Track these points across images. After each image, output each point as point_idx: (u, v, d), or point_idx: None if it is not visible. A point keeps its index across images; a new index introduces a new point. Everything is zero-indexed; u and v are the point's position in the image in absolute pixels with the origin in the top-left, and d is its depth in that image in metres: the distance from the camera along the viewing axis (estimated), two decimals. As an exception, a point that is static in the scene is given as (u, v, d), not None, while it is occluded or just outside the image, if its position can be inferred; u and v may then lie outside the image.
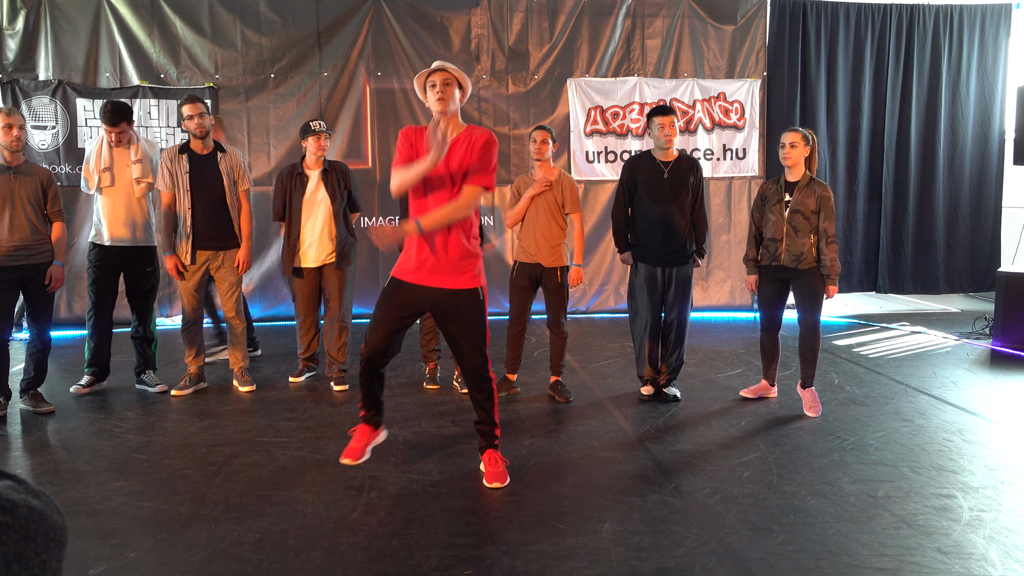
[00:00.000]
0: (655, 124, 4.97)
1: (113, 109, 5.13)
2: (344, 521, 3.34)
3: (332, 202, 5.38)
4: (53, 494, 3.64)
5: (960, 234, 8.96)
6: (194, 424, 4.71)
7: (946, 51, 8.72)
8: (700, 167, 5.13)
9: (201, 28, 7.67)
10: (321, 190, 5.38)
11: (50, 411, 4.88)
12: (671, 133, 4.96)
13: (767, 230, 4.95)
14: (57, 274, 4.84)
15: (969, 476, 3.85)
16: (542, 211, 5.11)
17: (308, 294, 5.52)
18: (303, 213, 5.38)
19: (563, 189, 5.11)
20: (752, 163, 8.41)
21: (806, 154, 4.88)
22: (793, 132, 4.89)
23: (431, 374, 5.54)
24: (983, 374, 5.92)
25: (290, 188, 5.41)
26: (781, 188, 4.93)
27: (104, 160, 5.22)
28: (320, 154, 5.36)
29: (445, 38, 8.01)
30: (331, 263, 5.44)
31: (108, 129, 5.14)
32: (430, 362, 5.56)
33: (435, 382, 5.48)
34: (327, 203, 5.39)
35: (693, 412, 4.94)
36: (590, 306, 8.41)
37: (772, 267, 4.95)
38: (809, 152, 4.89)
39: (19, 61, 7.50)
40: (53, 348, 5.05)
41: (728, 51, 8.32)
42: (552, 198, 5.10)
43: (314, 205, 5.38)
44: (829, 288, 4.83)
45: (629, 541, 3.16)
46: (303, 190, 5.39)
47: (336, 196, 5.40)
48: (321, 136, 5.32)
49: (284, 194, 5.44)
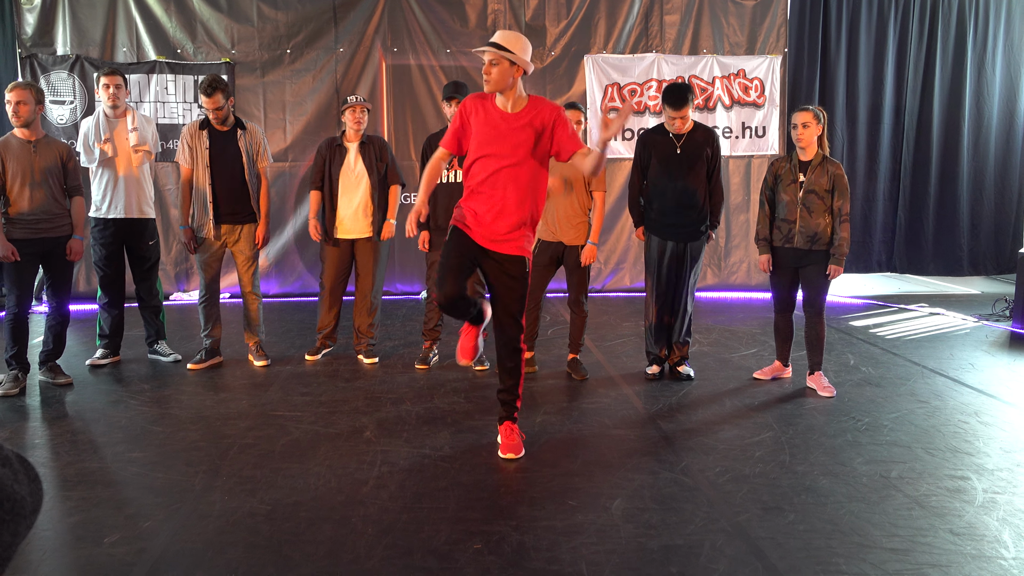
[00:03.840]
0: (667, 112, 4.90)
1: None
2: (355, 495, 3.37)
3: (369, 175, 5.38)
4: (69, 464, 3.70)
5: (984, 215, 8.84)
6: (209, 397, 4.75)
7: (971, 28, 8.55)
8: (716, 137, 5.06)
9: (217, 3, 7.66)
10: (359, 163, 5.36)
11: (68, 383, 4.94)
12: (680, 127, 4.90)
13: (780, 210, 4.89)
14: (76, 247, 4.88)
15: (984, 458, 3.82)
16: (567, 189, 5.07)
17: (338, 265, 5.47)
18: (340, 184, 5.37)
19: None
20: (772, 141, 8.31)
21: (818, 133, 4.80)
22: (804, 112, 4.81)
23: (424, 353, 5.48)
24: (1002, 356, 5.86)
25: (329, 158, 5.40)
26: (795, 167, 4.87)
27: (104, 132, 5.25)
28: (357, 127, 5.33)
29: (461, 13, 7.95)
30: (365, 237, 5.44)
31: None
32: (427, 341, 5.51)
33: (426, 363, 5.43)
34: (366, 176, 5.37)
35: (706, 391, 4.92)
36: (606, 284, 8.39)
37: (786, 248, 4.89)
38: (822, 131, 4.82)
39: (37, 36, 7.53)
40: (71, 321, 5.11)
41: (748, 27, 8.20)
42: (579, 175, 5.04)
43: (352, 177, 5.37)
44: (832, 268, 4.76)
45: (639, 518, 3.16)
46: (341, 161, 5.38)
47: (373, 169, 5.39)
48: (357, 108, 5.31)
49: (323, 164, 5.41)
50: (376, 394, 4.79)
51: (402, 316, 7.20)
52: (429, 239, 5.25)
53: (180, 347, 5.76)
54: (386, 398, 4.74)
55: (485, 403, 4.63)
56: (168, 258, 7.76)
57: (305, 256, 8.01)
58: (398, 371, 5.34)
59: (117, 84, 5.26)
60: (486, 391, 4.88)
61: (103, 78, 5.25)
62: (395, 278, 8.07)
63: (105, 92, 5.25)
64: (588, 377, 5.17)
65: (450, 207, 5.12)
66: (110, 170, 5.29)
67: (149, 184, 5.48)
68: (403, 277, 8.11)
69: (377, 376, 5.22)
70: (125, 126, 5.32)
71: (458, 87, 5.23)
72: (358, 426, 4.23)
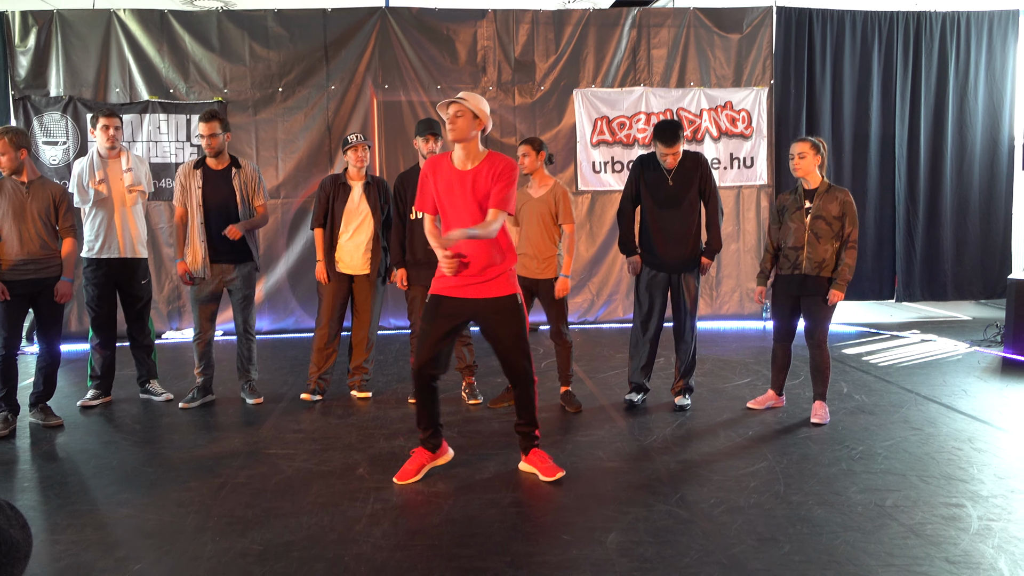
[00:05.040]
0: (659, 149, 4.92)
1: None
2: (348, 533, 3.34)
3: (373, 214, 5.40)
4: (59, 506, 3.66)
5: (970, 241, 8.90)
6: (201, 437, 4.72)
7: (953, 57, 8.69)
8: (705, 162, 5.06)
9: (210, 43, 7.74)
10: (364, 202, 5.39)
11: (59, 424, 4.90)
12: (672, 163, 4.94)
13: (787, 239, 4.92)
14: (64, 289, 4.87)
15: (979, 485, 3.81)
16: (535, 224, 5.10)
17: (335, 301, 5.43)
18: (344, 220, 5.38)
19: (556, 200, 5.09)
20: (760, 171, 8.40)
21: (817, 163, 4.85)
22: (801, 142, 4.87)
23: (470, 388, 5.45)
24: (994, 382, 5.87)
25: (333, 195, 5.41)
26: (800, 196, 4.91)
27: (99, 172, 5.28)
28: (360, 165, 5.36)
29: (452, 50, 8.05)
30: (364, 273, 5.44)
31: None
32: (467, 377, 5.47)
33: (475, 396, 5.39)
34: (370, 215, 5.39)
35: (700, 422, 4.91)
36: (599, 316, 8.40)
37: (792, 276, 4.91)
38: (821, 160, 4.86)
39: (31, 78, 7.60)
40: (63, 361, 5.09)
41: (734, 60, 8.32)
42: (546, 210, 5.09)
43: (357, 215, 5.38)
44: (833, 292, 4.79)
45: (634, 552, 3.14)
46: (345, 199, 5.38)
47: (377, 208, 5.42)
48: (359, 147, 5.34)
49: (326, 201, 5.42)
50: (369, 430, 4.77)
51: (395, 351, 7.19)
52: (406, 275, 5.26)
53: (172, 386, 5.74)
54: (379, 434, 4.72)
55: (478, 438, 4.62)
56: (160, 296, 7.76)
57: (298, 292, 8.02)
58: (391, 406, 5.32)
59: (116, 126, 5.30)
60: (479, 425, 4.86)
61: (101, 119, 5.29)
62: (388, 313, 8.08)
63: (104, 133, 5.27)
64: (582, 409, 5.16)
65: (427, 243, 5.17)
66: (103, 210, 5.31)
67: (142, 224, 5.50)
68: (396, 312, 8.11)
69: (370, 412, 5.21)
70: (119, 166, 5.34)
71: (430, 124, 5.28)
72: (351, 463, 4.21)
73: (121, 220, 5.33)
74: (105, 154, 5.33)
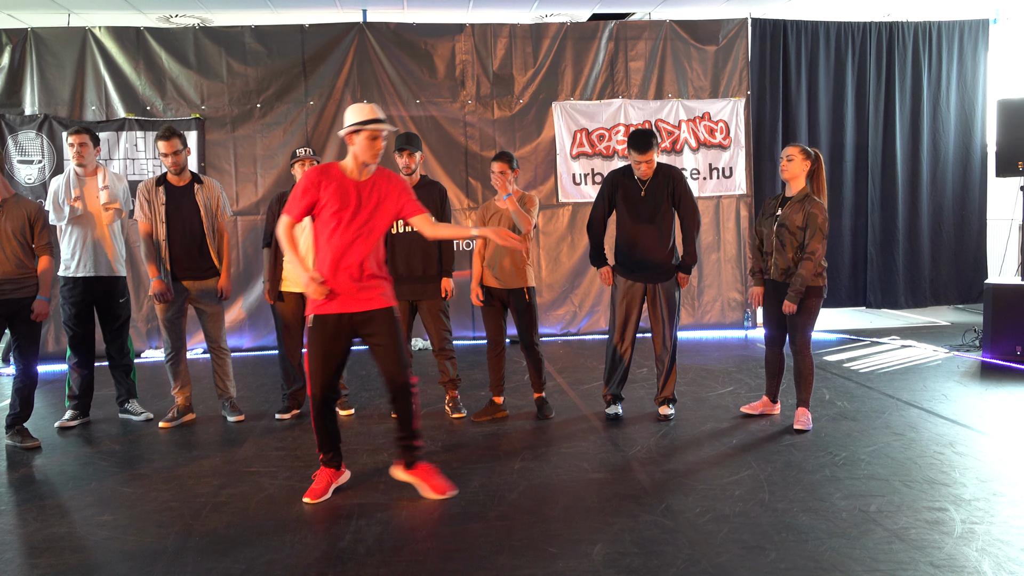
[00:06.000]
0: (632, 157, 4.93)
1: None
2: (332, 550, 3.31)
3: None
4: (37, 530, 3.60)
5: (945, 247, 9.01)
6: (181, 455, 4.67)
7: (926, 67, 8.81)
8: (678, 174, 5.05)
9: (187, 60, 7.71)
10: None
11: (36, 446, 4.82)
12: (646, 172, 4.96)
13: (764, 244, 4.99)
14: (40, 308, 4.79)
15: (961, 488, 3.84)
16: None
17: (291, 321, 5.36)
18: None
19: (523, 201, 5.11)
20: (739, 181, 8.46)
21: (805, 168, 4.85)
22: (792, 146, 4.91)
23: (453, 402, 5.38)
24: (974, 386, 5.92)
25: (278, 213, 5.38)
26: (776, 203, 4.96)
27: (75, 190, 5.23)
28: None
29: (430, 64, 8.06)
30: None
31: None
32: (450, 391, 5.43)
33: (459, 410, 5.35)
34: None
35: (684, 431, 4.92)
36: (581, 327, 8.41)
37: (768, 281, 4.97)
38: (810, 167, 4.87)
39: (5, 96, 7.53)
40: (40, 382, 5.01)
41: (711, 71, 8.40)
42: (512, 220, 5.11)
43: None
44: (785, 302, 4.76)
45: (620, 563, 3.13)
46: None
47: None
48: (306, 162, 5.30)
49: (273, 220, 5.39)
50: (352, 445, 4.73)
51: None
52: None
53: (152, 405, 5.67)
54: (362, 449, 4.69)
55: (462, 451, 4.60)
56: (139, 315, 7.68)
57: (279, 308, 7.95)
58: (374, 421, 5.29)
59: (82, 142, 5.25)
60: (463, 439, 4.84)
61: (70, 137, 5.26)
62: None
63: (71, 151, 5.24)
64: (553, 416, 5.20)
65: (409, 257, 5.15)
66: (80, 228, 5.25)
67: (120, 242, 5.44)
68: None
69: (353, 427, 5.17)
70: (95, 184, 5.30)
71: (409, 139, 5.27)
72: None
73: (98, 238, 5.28)
74: (81, 172, 5.29)
